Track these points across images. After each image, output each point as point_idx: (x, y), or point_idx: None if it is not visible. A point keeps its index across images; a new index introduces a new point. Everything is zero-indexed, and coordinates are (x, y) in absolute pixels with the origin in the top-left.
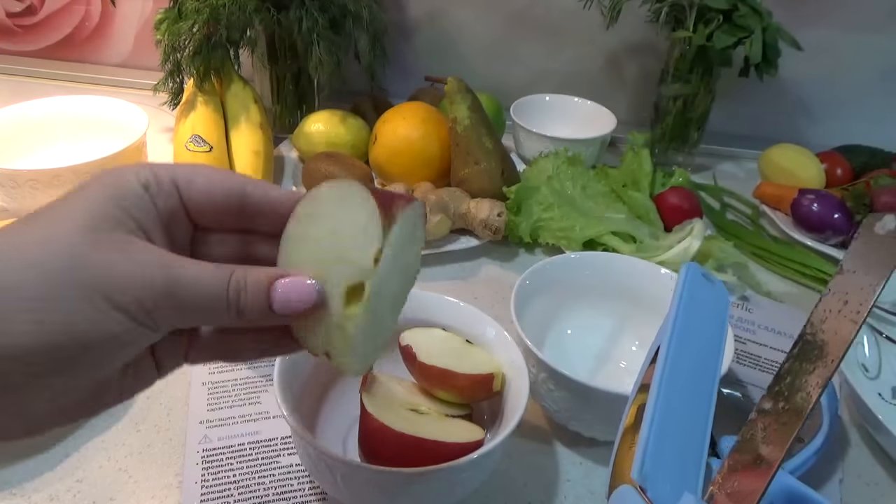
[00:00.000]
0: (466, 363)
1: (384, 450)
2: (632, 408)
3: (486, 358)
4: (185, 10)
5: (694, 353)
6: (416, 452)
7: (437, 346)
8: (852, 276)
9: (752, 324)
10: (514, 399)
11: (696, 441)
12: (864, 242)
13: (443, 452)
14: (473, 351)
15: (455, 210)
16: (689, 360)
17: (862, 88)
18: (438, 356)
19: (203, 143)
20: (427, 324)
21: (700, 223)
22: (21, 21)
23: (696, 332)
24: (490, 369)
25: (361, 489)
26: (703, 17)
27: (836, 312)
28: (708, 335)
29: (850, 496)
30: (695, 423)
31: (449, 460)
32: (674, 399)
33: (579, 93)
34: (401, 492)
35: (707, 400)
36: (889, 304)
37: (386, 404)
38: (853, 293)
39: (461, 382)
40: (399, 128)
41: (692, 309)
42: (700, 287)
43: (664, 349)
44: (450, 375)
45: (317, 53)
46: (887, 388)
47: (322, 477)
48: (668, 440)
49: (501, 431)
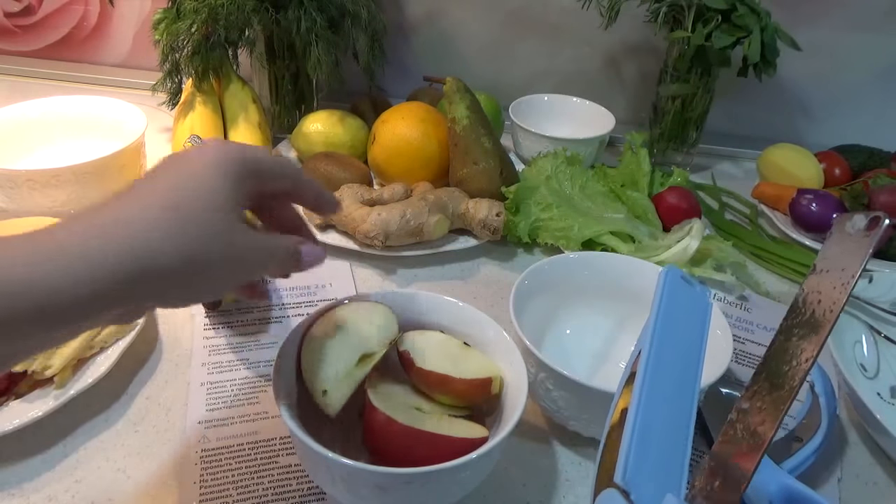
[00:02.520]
0: (464, 368)
1: (391, 443)
2: (616, 409)
3: (484, 361)
4: (183, 9)
5: (675, 354)
6: (422, 446)
7: (434, 351)
8: (826, 275)
9: (750, 324)
10: (512, 399)
11: (680, 442)
12: (836, 242)
13: (449, 447)
14: (471, 354)
15: (454, 210)
16: (671, 363)
17: (860, 88)
18: (436, 361)
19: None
20: (425, 324)
21: (699, 223)
22: (19, 21)
23: (676, 334)
24: (488, 373)
25: (360, 489)
26: (702, 17)
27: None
28: (689, 337)
29: (848, 496)
30: (677, 424)
31: (455, 455)
32: (656, 402)
33: (578, 93)
34: (400, 492)
35: (689, 401)
36: (888, 303)
37: (391, 401)
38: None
39: (459, 387)
40: (398, 128)
41: (672, 312)
42: (679, 290)
43: (645, 352)
44: (448, 381)
45: (315, 53)
46: (886, 387)
47: (321, 477)
48: (651, 443)
49: (500, 431)
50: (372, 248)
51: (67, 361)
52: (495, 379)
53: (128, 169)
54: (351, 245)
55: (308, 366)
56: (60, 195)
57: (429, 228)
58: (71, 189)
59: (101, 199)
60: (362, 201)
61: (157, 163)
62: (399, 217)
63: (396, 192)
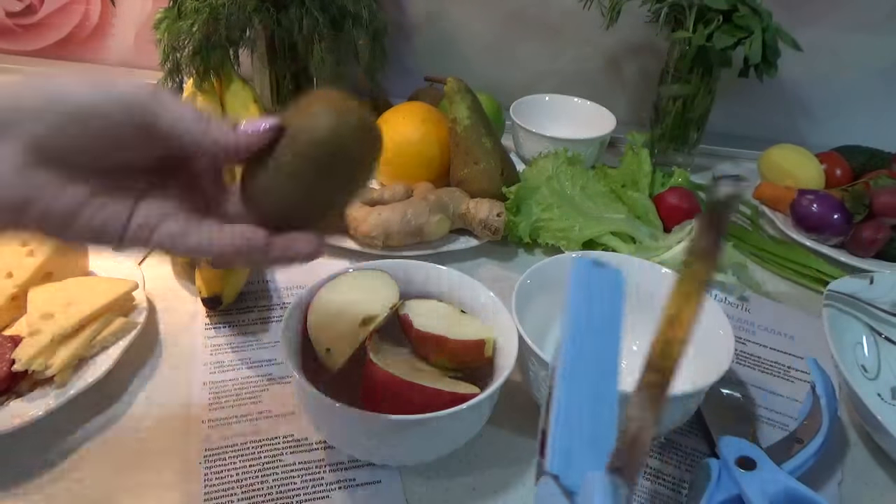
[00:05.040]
0: (459, 330)
1: (387, 396)
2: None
3: (479, 326)
4: (184, 9)
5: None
6: (417, 399)
7: (432, 315)
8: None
9: (751, 324)
10: (503, 362)
11: (606, 422)
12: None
13: (441, 399)
14: (466, 319)
15: (454, 210)
16: (590, 349)
17: (861, 89)
18: (433, 323)
19: None
20: (424, 293)
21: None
22: (20, 21)
23: (593, 319)
24: (482, 336)
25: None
26: (703, 18)
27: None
28: (606, 319)
29: (849, 497)
30: (603, 405)
31: (446, 408)
32: (579, 387)
33: (579, 93)
34: (393, 438)
35: (611, 381)
36: (888, 304)
37: (390, 360)
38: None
39: (454, 347)
40: (399, 128)
41: (585, 298)
42: (591, 275)
43: (563, 342)
44: (443, 341)
45: (317, 53)
46: (886, 388)
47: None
48: (577, 427)
49: (490, 388)
50: (372, 249)
51: (68, 361)
52: (488, 341)
53: None
54: (351, 245)
55: (314, 326)
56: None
57: (429, 228)
58: None
59: None
60: (363, 201)
61: None
62: (400, 217)
63: (397, 193)
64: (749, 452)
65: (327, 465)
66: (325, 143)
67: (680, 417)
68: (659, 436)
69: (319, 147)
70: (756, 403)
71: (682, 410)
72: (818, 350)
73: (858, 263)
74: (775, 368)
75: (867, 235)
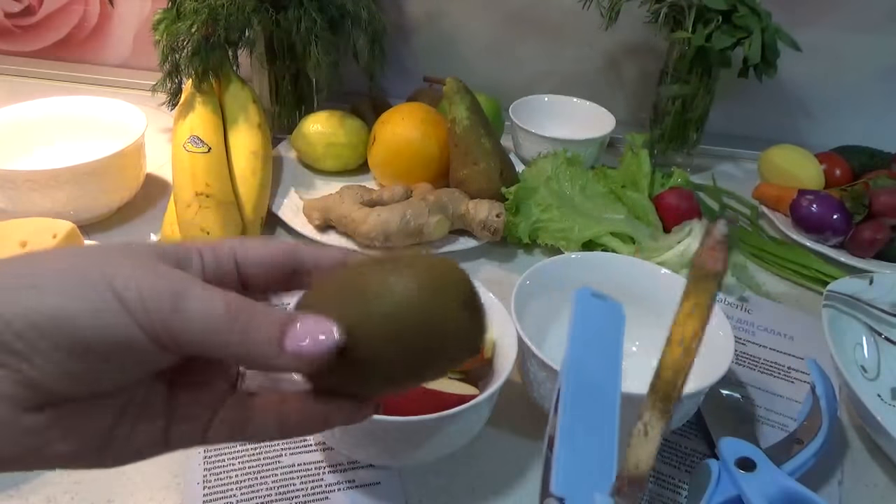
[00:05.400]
0: None
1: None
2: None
3: None
4: (183, 10)
5: (595, 368)
6: (416, 400)
7: None
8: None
9: (751, 325)
10: (503, 361)
11: (607, 447)
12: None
13: (441, 401)
14: None
15: (454, 211)
16: (592, 377)
17: (861, 89)
18: None
19: (201, 144)
20: None
21: (699, 224)
22: (19, 21)
23: (594, 349)
24: None
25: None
26: (702, 18)
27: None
28: (607, 350)
29: (849, 498)
30: (604, 431)
31: (446, 409)
32: (582, 415)
33: (578, 93)
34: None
35: (612, 408)
36: (888, 304)
37: None
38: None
39: None
40: (398, 128)
41: (587, 330)
42: (592, 307)
43: (565, 373)
44: None
45: (315, 54)
46: (886, 389)
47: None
48: (581, 452)
49: (489, 389)
50: (372, 249)
51: None
52: (488, 342)
53: (128, 170)
54: (351, 246)
55: None
56: (60, 196)
57: (429, 229)
58: (70, 189)
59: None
60: (362, 202)
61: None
62: (399, 218)
63: (396, 193)
64: (749, 453)
65: (327, 467)
66: (408, 336)
67: (679, 418)
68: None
69: (400, 343)
70: (756, 404)
71: (681, 411)
72: (818, 351)
73: (858, 264)
74: (775, 369)
75: (867, 236)
